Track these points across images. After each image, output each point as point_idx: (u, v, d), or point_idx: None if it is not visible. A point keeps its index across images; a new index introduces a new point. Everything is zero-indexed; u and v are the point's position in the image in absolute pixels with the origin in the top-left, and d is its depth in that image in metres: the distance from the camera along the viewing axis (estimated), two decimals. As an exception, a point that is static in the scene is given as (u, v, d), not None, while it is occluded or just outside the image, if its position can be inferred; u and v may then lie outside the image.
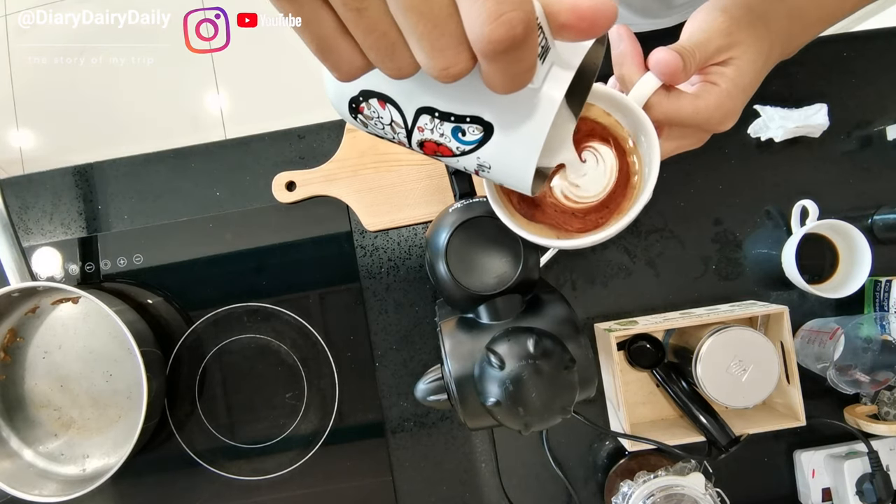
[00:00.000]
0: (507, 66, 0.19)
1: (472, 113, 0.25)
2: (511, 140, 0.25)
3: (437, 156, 0.28)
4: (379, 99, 0.27)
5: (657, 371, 0.59)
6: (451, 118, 0.25)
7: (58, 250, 0.63)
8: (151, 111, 1.72)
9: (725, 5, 0.34)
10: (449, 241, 0.41)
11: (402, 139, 0.28)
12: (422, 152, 0.29)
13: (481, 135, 0.25)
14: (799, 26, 0.37)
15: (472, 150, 0.26)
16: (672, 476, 0.52)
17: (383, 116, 0.27)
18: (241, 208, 0.64)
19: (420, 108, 0.26)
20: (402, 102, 0.26)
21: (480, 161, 0.27)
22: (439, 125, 0.26)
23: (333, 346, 0.63)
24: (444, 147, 0.27)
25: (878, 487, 0.55)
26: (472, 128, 0.25)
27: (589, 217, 0.34)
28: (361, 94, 0.27)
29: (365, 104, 0.27)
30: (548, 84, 0.24)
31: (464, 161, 0.28)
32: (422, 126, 0.27)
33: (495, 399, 0.37)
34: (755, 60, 0.34)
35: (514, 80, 0.20)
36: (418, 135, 0.27)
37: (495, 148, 0.26)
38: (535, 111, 0.24)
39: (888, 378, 0.56)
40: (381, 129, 0.29)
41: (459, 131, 0.26)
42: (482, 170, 0.28)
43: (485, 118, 0.25)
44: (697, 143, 0.37)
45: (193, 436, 0.62)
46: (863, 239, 0.58)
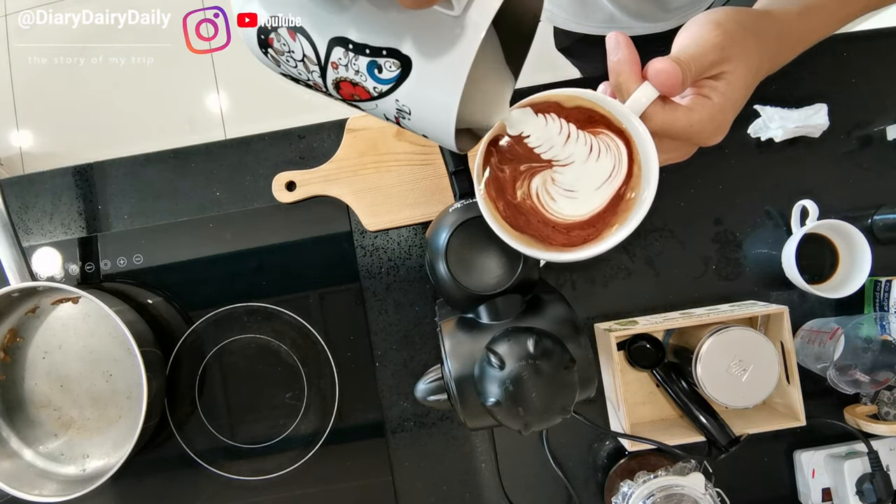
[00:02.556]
0: None
1: (387, 45, 0.23)
2: (430, 78, 0.23)
3: (355, 100, 0.26)
4: (289, 29, 0.24)
5: (657, 371, 0.59)
6: (367, 51, 0.23)
7: (58, 250, 0.63)
8: (152, 111, 1.72)
9: (719, 19, 0.34)
10: (449, 241, 0.41)
11: (316, 79, 0.26)
12: (338, 97, 0.26)
13: (398, 71, 0.23)
14: (786, 44, 0.37)
15: (390, 90, 0.24)
16: (672, 476, 0.52)
17: (294, 50, 0.25)
18: (241, 208, 0.64)
19: (333, 39, 0.23)
20: (313, 31, 0.24)
21: (399, 104, 0.25)
22: (354, 59, 0.23)
23: (333, 346, 0.63)
24: (360, 88, 0.25)
25: (878, 487, 0.55)
26: (388, 62, 0.23)
27: (574, 233, 0.33)
28: (270, 21, 0.25)
29: (274, 35, 0.25)
30: (471, 11, 0.21)
31: (382, 106, 0.25)
32: (335, 62, 0.24)
33: (495, 399, 0.37)
34: (746, 76, 0.34)
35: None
36: (332, 73, 0.25)
37: (414, 87, 0.23)
38: (456, 42, 0.22)
39: (888, 378, 0.56)
40: (293, 68, 0.26)
41: (375, 67, 0.23)
42: (402, 116, 0.25)
43: (402, 51, 0.22)
44: (684, 157, 0.37)
45: (193, 436, 0.62)
46: (863, 239, 0.58)
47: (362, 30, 0.23)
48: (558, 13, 0.68)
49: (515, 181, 0.34)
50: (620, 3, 0.61)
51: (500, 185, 0.34)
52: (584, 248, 0.33)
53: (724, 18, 0.34)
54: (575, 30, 0.69)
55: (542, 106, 0.34)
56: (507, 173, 0.34)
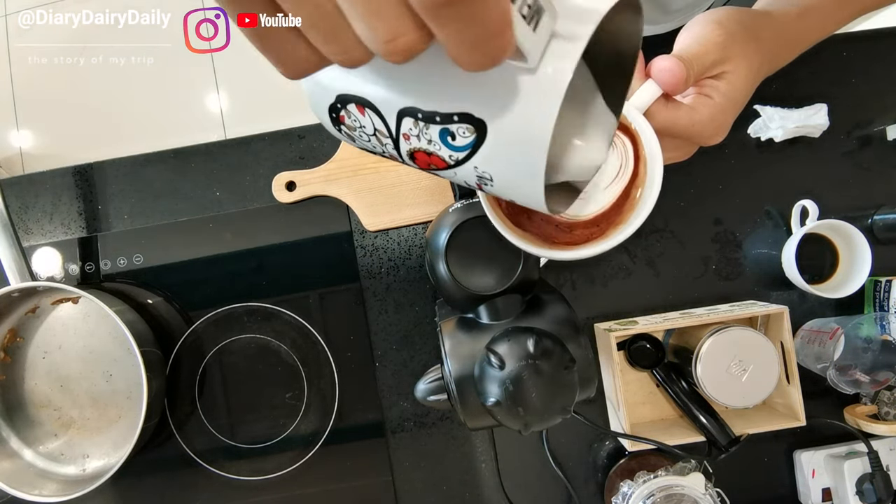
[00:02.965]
0: (460, 26, 0.15)
1: (458, 109, 0.20)
2: (509, 140, 0.20)
3: (433, 169, 0.24)
4: (357, 104, 0.23)
5: (657, 371, 0.59)
6: (437, 119, 0.21)
7: (58, 250, 0.63)
8: (151, 111, 1.72)
9: (721, 19, 0.34)
10: (449, 241, 0.41)
11: (391, 152, 0.24)
12: (416, 166, 0.25)
13: (473, 136, 0.21)
14: (785, 45, 0.38)
15: (467, 157, 0.22)
16: (672, 476, 0.52)
17: (365, 125, 0.24)
18: (241, 208, 0.64)
19: (402, 110, 0.22)
20: (381, 105, 0.22)
21: (479, 171, 0.22)
22: (425, 129, 0.22)
23: (333, 346, 0.63)
24: (435, 157, 0.23)
25: (878, 487, 0.55)
26: (461, 128, 0.21)
27: (577, 232, 0.33)
28: (338, 99, 0.23)
29: (344, 112, 0.24)
30: (550, 58, 0.18)
31: (461, 173, 0.23)
32: (407, 132, 0.22)
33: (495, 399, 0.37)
34: (747, 76, 0.34)
35: (478, 48, 0.15)
36: (405, 144, 0.23)
37: (492, 152, 0.21)
38: (535, 99, 0.19)
39: (888, 378, 0.56)
40: (367, 142, 0.25)
41: (448, 134, 0.21)
42: (484, 183, 0.23)
43: (475, 115, 0.20)
44: (685, 156, 0.37)
45: (193, 436, 0.62)
46: (863, 239, 0.58)
47: (429, 97, 0.21)
48: None
49: None
50: None
51: None
52: (588, 247, 0.32)
53: (726, 18, 0.34)
54: None
55: None
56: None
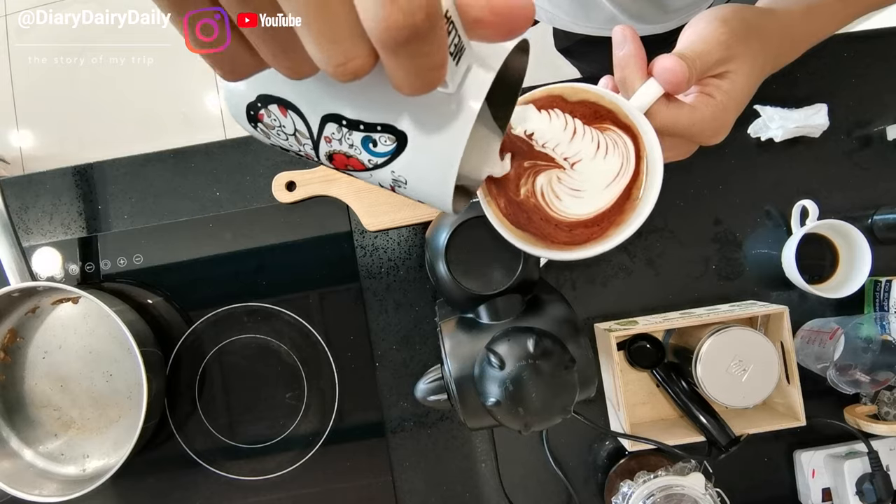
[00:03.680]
0: (411, 60, 0.17)
1: (383, 121, 0.22)
2: (427, 152, 0.23)
3: (349, 170, 0.25)
4: (280, 105, 0.24)
5: (657, 371, 0.59)
6: (361, 126, 0.23)
7: (58, 250, 0.63)
8: (151, 111, 1.72)
9: (726, 16, 0.34)
10: (449, 241, 0.41)
11: (308, 151, 0.26)
12: (331, 166, 0.26)
13: (394, 145, 0.23)
14: (788, 43, 0.37)
15: (385, 162, 0.24)
16: (672, 476, 0.52)
17: (285, 125, 0.24)
18: (241, 208, 0.64)
19: (326, 116, 0.23)
20: (306, 109, 0.23)
21: (395, 175, 0.24)
22: (348, 134, 0.23)
23: (333, 346, 0.63)
24: (354, 160, 0.24)
25: (878, 487, 0.55)
26: (384, 137, 0.23)
27: (577, 231, 0.33)
28: (259, 98, 0.24)
29: (264, 111, 0.24)
30: (465, 88, 0.21)
31: (377, 176, 0.25)
32: (329, 136, 0.24)
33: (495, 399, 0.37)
34: (749, 75, 0.34)
35: (421, 78, 0.17)
36: (325, 146, 0.24)
37: (410, 160, 0.23)
38: (451, 118, 0.22)
39: (888, 378, 0.56)
40: (284, 140, 0.26)
41: (370, 142, 0.23)
42: (398, 185, 0.25)
43: (398, 127, 0.22)
44: (685, 155, 0.37)
45: (193, 436, 0.62)
46: (863, 239, 0.58)
47: (356, 107, 0.22)
48: (558, 14, 0.68)
49: (519, 178, 0.33)
50: (621, 5, 0.61)
51: (502, 181, 0.33)
52: (587, 247, 0.32)
53: (731, 16, 0.34)
54: (575, 31, 0.69)
55: (545, 101, 0.33)
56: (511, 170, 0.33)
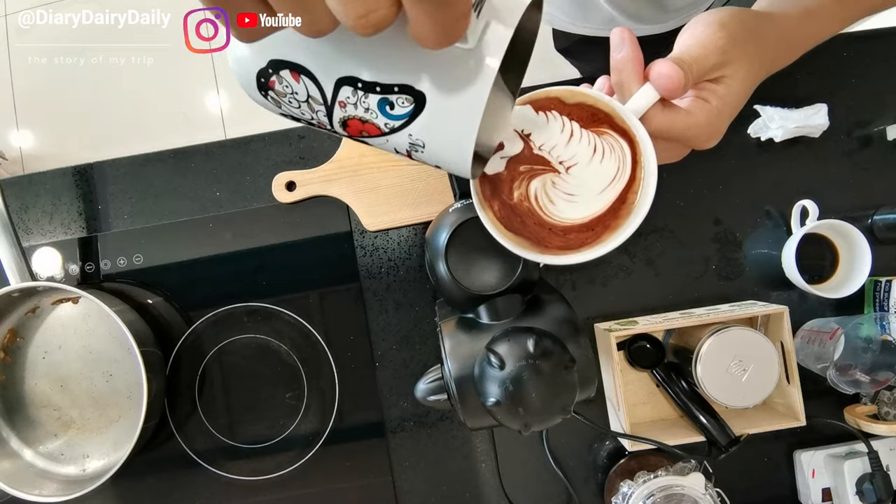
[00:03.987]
0: (435, 8, 0.16)
1: (400, 81, 0.22)
2: (446, 111, 0.22)
3: (364, 136, 0.25)
4: (292, 70, 0.23)
5: (657, 371, 0.59)
6: (377, 88, 0.22)
7: (58, 250, 0.63)
8: (151, 111, 1.72)
9: (724, 20, 0.33)
10: (449, 241, 0.41)
11: (321, 119, 0.25)
12: (345, 133, 0.25)
13: (412, 107, 0.22)
14: (785, 47, 0.37)
15: (403, 125, 0.23)
16: (672, 476, 0.52)
17: (298, 92, 0.24)
18: (241, 208, 0.64)
19: (340, 79, 0.22)
20: (319, 72, 0.22)
21: (413, 139, 0.24)
22: (364, 98, 0.22)
23: (333, 346, 0.63)
24: (370, 125, 0.23)
25: (878, 487, 0.55)
26: (401, 99, 0.22)
27: (571, 236, 0.32)
28: (271, 64, 0.23)
29: (276, 78, 0.23)
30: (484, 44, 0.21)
31: (394, 140, 0.24)
32: (343, 100, 0.23)
33: (495, 399, 0.37)
34: (745, 80, 0.34)
35: (445, 28, 0.17)
36: (340, 111, 0.23)
37: (428, 122, 0.22)
38: (471, 76, 0.21)
39: (888, 378, 0.56)
40: (296, 108, 0.25)
41: (387, 104, 0.22)
42: (415, 149, 0.24)
43: (416, 87, 0.21)
44: (677, 158, 0.37)
45: (193, 436, 0.62)
46: (863, 239, 0.58)
47: (372, 68, 0.22)
48: (557, 15, 0.68)
49: (513, 181, 0.33)
50: (619, 5, 0.61)
51: (495, 184, 0.33)
52: (581, 252, 0.32)
53: (729, 20, 0.34)
54: (573, 31, 0.69)
55: (543, 103, 0.33)
56: (505, 172, 0.33)
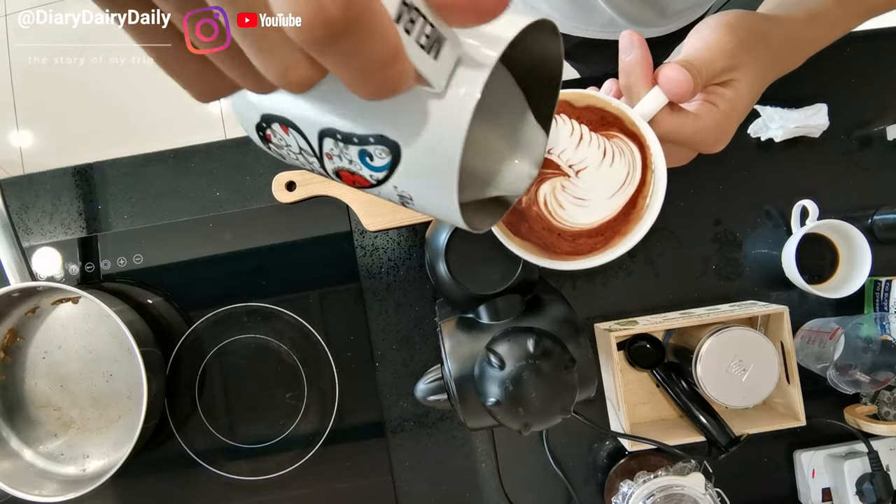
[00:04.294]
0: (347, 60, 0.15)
1: (373, 131, 0.21)
2: (421, 162, 0.21)
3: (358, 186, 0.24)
4: (280, 123, 0.23)
5: (657, 371, 0.59)
6: (354, 140, 0.21)
7: (58, 250, 0.63)
8: (151, 111, 1.72)
9: (731, 23, 0.33)
10: (449, 241, 0.41)
11: (319, 169, 0.24)
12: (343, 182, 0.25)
13: (389, 158, 0.21)
14: (792, 51, 0.37)
15: (386, 177, 0.22)
16: (672, 476, 0.52)
17: (290, 144, 0.24)
18: (241, 208, 0.64)
19: (322, 131, 0.22)
20: (302, 125, 0.22)
21: (399, 191, 0.23)
22: (345, 149, 0.22)
23: (333, 346, 0.63)
24: (358, 176, 0.23)
25: (878, 487, 0.55)
26: (378, 150, 0.21)
27: (580, 241, 0.32)
28: (263, 118, 0.23)
29: (270, 131, 0.24)
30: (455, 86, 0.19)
31: (384, 191, 0.23)
32: (329, 152, 0.22)
33: (495, 399, 0.37)
34: (753, 84, 0.34)
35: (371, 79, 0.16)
36: (329, 163, 0.23)
37: (408, 172, 0.21)
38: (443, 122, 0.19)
39: (888, 378, 0.56)
40: (294, 160, 0.25)
41: (367, 155, 0.21)
42: (406, 202, 0.23)
43: (388, 136, 0.20)
44: (684, 161, 0.37)
45: (193, 436, 0.62)
46: (863, 239, 0.58)
47: (345, 119, 0.21)
48: (556, 17, 0.68)
49: None
50: (619, 8, 0.61)
51: None
52: (591, 258, 0.31)
53: (737, 24, 0.33)
54: (574, 34, 0.69)
55: None
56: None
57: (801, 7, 0.37)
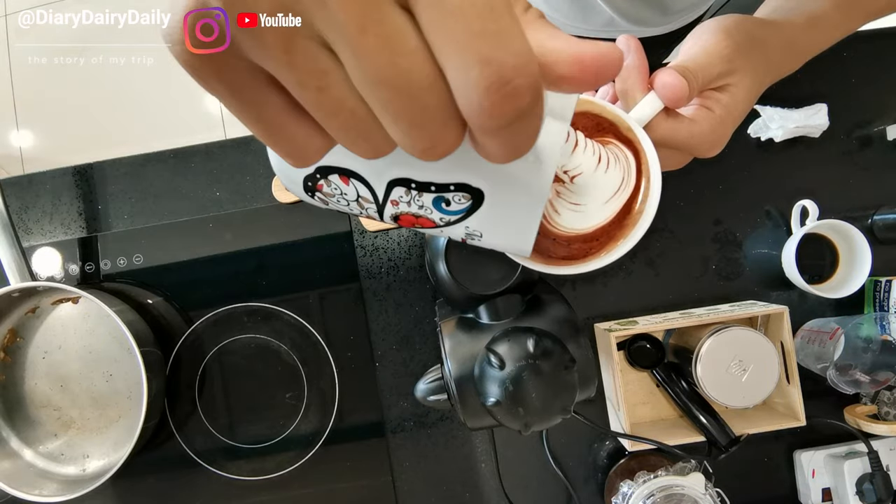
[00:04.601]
0: (509, 137, 0.15)
1: (457, 180, 0.21)
2: (506, 207, 0.22)
3: (417, 227, 0.24)
4: (341, 175, 0.22)
5: (657, 371, 0.59)
6: (432, 188, 0.21)
7: (58, 250, 0.63)
8: (151, 111, 1.72)
9: (729, 28, 0.33)
10: (449, 241, 0.41)
11: (371, 214, 0.24)
12: (396, 225, 0.25)
13: (469, 203, 0.22)
14: (790, 55, 0.37)
15: (459, 220, 0.23)
16: (672, 476, 0.52)
17: (347, 193, 0.23)
18: (241, 208, 0.64)
19: (393, 181, 0.22)
20: (371, 177, 0.22)
21: (469, 230, 0.23)
22: (417, 197, 0.22)
23: (333, 346, 0.63)
24: (424, 219, 0.23)
25: (878, 487, 0.55)
26: (457, 196, 0.21)
27: (575, 246, 0.32)
28: (319, 170, 0.23)
29: (324, 181, 0.23)
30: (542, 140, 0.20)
31: (448, 231, 0.24)
32: (396, 199, 0.22)
33: (495, 399, 0.37)
34: (750, 89, 0.34)
35: (516, 150, 0.16)
36: (392, 209, 0.23)
37: (487, 215, 0.22)
38: (531, 172, 0.21)
39: (888, 378, 0.56)
40: (345, 206, 0.25)
41: (443, 201, 0.22)
42: (471, 238, 0.24)
43: (472, 185, 0.21)
44: (679, 166, 0.37)
45: (193, 436, 0.62)
46: (863, 239, 0.58)
47: (426, 169, 0.21)
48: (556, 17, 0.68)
49: None
50: (619, 8, 0.61)
51: None
52: (586, 263, 0.31)
53: (734, 29, 0.33)
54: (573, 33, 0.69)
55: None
56: None
57: (800, 11, 0.37)
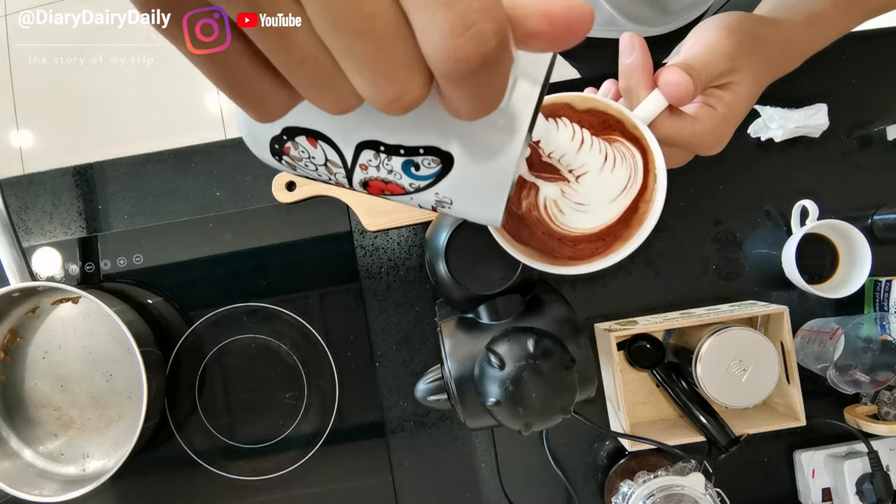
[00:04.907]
0: (475, 88, 0.15)
1: (426, 143, 0.20)
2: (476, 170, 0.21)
3: (386, 195, 0.24)
4: (308, 136, 0.22)
5: (657, 371, 0.59)
6: (401, 151, 0.21)
7: (58, 250, 0.63)
8: (151, 111, 1.72)
9: (731, 26, 0.33)
10: (449, 241, 0.41)
11: (340, 180, 0.23)
12: (365, 192, 0.24)
13: (438, 167, 0.21)
14: (792, 53, 0.37)
15: (429, 185, 0.22)
16: (672, 476, 0.52)
17: (315, 156, 0.22)
18: (241, 208, 0.64)
19: (361, 143, 0.21)
20: (339, 138, 0.21)
21: (440, 197, 0.23)
22: (386, 160, 0.21)
23: (333, 346, 0.63)
24: (393, 185, 0.23)
25: (878, 487, 0.55)
26: (426, 160, 0.21)
27: (581, 246, 0.32)
28: (285, 131, 0.22)
29: (291, 143, 0.22)
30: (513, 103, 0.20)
31: (419, 198, 0.23)
32: (364, 163, 0.22)
33: (495, 399, 0.37)
34: (752, 87, 0.34)
35: (483, 104, 0.16)
36: (361, 173, 0.22)
37: (457, 181, 0.21)
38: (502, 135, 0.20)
39: (888, 378, 0.56)
40: (312, 171, 0.24)
41: (412, 165, 0.21)
42: (442, 206, 0.24)
43: (442, 148, 0.21)
44: (680, 163, 0.37)
45: (193, 436, 0.62)
46: (863, 239, 0.58)
47: (395, 132, 0.20)
48: None
49: (521, 191, 0.32)
50: (620, 7, 0.61)
51: None
52: (592, 262, 0.31)
53: (737, 27, 0.33)
54: None
55: (552, 108, 0.33)
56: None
57: (800, 9, 0.37)
